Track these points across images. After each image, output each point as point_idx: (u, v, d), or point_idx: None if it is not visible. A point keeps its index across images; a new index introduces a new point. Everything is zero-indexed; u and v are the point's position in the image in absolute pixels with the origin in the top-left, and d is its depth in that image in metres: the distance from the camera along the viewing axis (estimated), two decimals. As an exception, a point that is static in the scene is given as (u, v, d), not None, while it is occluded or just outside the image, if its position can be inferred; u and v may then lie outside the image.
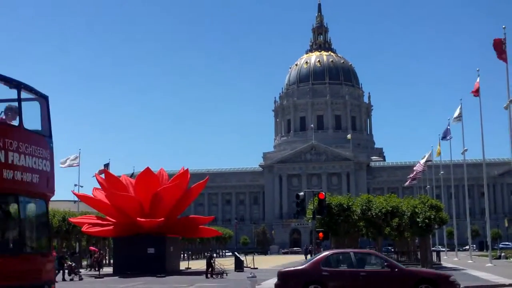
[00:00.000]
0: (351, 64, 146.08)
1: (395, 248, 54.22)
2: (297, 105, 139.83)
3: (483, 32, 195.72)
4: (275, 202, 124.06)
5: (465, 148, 51.46)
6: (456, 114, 48.78)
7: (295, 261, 50.19)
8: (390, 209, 35.76)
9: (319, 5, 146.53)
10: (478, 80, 41.43)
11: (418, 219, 35.35)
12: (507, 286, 23.08)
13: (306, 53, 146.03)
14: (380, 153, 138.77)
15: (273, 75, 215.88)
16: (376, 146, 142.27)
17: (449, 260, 52.81)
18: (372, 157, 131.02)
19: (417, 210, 35.61)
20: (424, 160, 65.36)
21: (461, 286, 18.20)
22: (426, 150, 73.41)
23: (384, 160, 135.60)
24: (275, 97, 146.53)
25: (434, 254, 44.52)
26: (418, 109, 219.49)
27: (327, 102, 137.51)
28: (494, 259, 46.33)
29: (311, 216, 23.51)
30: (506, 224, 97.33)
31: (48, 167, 10.74)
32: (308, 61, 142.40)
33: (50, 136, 10.95)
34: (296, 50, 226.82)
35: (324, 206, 22.13)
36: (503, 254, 55.33)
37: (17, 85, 9.97)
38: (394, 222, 37.02)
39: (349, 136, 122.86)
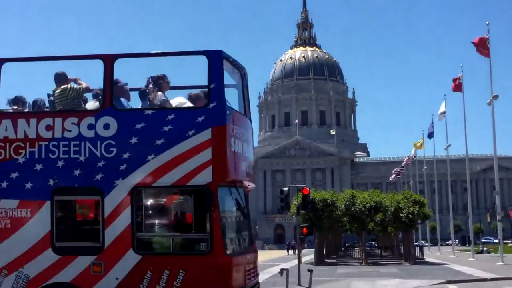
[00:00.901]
0: (335, 60, 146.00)
1: (378, 243, 54.49)
2: (282, 101, 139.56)
3: (467, 27, 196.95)
4: (259, 197, 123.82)
5: (448, 144, 51.89)
6: (441, 110, 48.94)
7: (278, 257, 50.29)
8: (374, 204, 35.98)
9: (304, 0, 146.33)
10: (459, 75, 41.57)
11: (401, 214, 35.62)
12: (489, 280, 23.23)
13: (291, 48, 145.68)
14: (364, 148, 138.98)
15: (257, 71, 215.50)
16: (360, 141, 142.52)
17: (432, 255, 53.22)
18: (356, 153, 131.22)
19: (400, 206, 35.87)
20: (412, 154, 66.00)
21: (444, 281, 18.25)
22: (410, 146, 73.84)
23: (368, 155, 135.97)
24: (259, 93, 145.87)
25: (417, 249, 44.81)
26: (402, 104, 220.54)
27: (312, 98, 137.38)
28: (477, 253, 46.80)
29: (295, 211, 23.44)
30: (488, 219, 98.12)
31: (251, 153, 10.41)
32: (293, 56, 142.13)
33: (250, 119, 10.54)
34: (281, 45, 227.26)
35: (308, 202, 22.04)
36: (485, 248, 55.91)
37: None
38: (378, 217, 37.26)
39: (333, 131, 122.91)
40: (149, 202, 9.40)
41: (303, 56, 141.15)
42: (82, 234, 9.45)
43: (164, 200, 9.53)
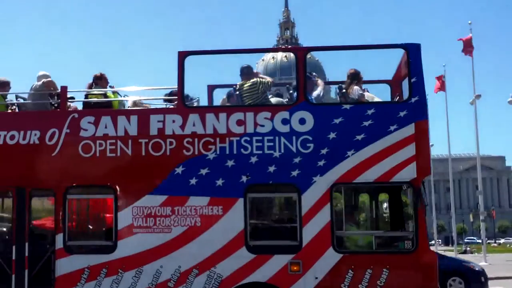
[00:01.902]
0: (317, 60, 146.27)
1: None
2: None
3: (450, 27, 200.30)
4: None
5: (431, 144, 52.44)
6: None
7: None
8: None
9: (286, 0, 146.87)
10: (442, 75, 41.77)
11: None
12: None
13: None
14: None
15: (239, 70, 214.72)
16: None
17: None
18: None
19: (383, 205, 36.16)
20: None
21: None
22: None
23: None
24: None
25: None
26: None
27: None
28: (460, 253, 47.53)
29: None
30: (471, 219, 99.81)
31: None
32: (275, 56, 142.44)
33: None
34: (263, 45, 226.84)
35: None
36: (468, 248, 56.96)
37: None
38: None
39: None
40: (349, 199, 9.18)
41: (285, 56, 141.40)
42: (278, 232, 9.19)
43: (365, 197, 9.33)
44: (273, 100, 9.54)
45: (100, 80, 9.97)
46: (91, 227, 10.27)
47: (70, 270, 9.00)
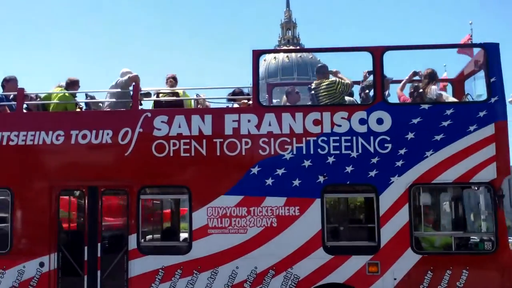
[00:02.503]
0: (319, 60, 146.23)
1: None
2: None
3: (448, 27, 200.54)
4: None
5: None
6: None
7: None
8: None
9: (288, 0, 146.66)
10: (444, 75, 41.69)
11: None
12: None
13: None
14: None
15: (241, 70, 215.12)
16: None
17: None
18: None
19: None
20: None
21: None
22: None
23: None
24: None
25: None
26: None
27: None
28: None
29: None
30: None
31: None
32: (277, 56, 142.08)
33: None
34: (264, 45, 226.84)
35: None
36: None
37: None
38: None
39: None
40: (427, 199, 9.12)
41: (287, 56, 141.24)
42: (355, 233, 9.14)
43: (443, 197, 9.27)
44: (346, 99, 9.47)
45: (174, 80, 9.92)
46: (164, 227, 10.19)
47: (144, 271, 8.92)
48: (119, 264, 9.04)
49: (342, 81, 9.15)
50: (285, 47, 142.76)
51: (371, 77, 9.56)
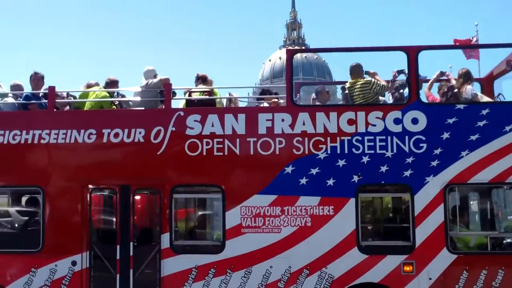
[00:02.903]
0: (324, 60, 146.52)
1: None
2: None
3: (455, 28, 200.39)
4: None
5: None
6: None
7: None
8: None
9: (293, 1, 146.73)
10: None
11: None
12: None
13: (280, 49, 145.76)
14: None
15: (247, 71, 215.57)
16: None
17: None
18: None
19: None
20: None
21: None
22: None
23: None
24: (248, 93, 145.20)
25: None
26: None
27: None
28: None
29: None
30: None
31: None
32: (282, 56, 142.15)
33: None
34: (270, 46, 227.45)
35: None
36: None
37: None
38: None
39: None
40: (462, 199, 9.07)
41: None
42: (390, 232, 9.10)
43: (477, 197, 9.24)
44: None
45: (205, 81, 9.92)
46: (198, 226, 10.16)
47: (177, 270, 8.90)
48: (151, 263, 9.00)
49: (379, 83, 9.11)
50: (296, 47, 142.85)
51: (401, 76, 9.55)
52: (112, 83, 9.89)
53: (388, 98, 10.02)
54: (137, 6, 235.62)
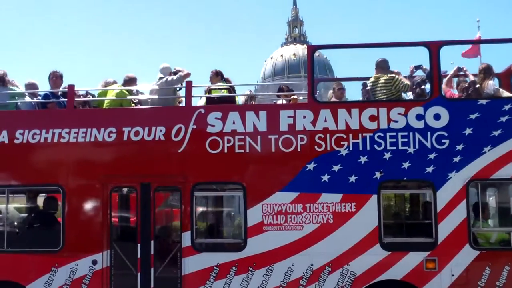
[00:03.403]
0: (326, 57, 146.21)
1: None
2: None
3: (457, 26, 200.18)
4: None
5: None
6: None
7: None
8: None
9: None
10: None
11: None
12: None
13: (282, 46, 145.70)
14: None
15: (248, 68, 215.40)
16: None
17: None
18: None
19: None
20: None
21: None
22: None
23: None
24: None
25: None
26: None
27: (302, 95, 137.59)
28: None
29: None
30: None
31: None
32: (284, 54, 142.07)
33: None
34: (271, 43, 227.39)
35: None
36: None
37: None
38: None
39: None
40: (485, 195, 9.04)
41: (294, 54, 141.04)
42: (412, 229, 9.07)
43: (499, 193, 9.20)
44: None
45: (216, 77, 9.88)
46: (219, 224, 10.12)
47: (198, 268, 8.87)
48: (172, 262, 8.97)
49: (403, 81, 9.09)
50: (295, 45, 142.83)
51: (418, 72, 9.53)
52: (130, 81, 9.85)
53: (407, 94, 9.98)
54: (134, 3, 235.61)
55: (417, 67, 9.54)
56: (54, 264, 9.07)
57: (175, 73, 9.63)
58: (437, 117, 8.69)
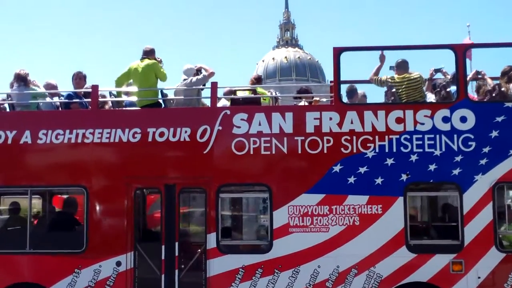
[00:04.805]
0: (317, 61, 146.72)
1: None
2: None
3: (445, 29, 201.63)
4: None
5: None
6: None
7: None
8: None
9: (286, 1, 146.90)
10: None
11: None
12: None
13: (273, 49, 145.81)
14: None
15: (239, 71, 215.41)
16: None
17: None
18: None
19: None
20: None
21: None
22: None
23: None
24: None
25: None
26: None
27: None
28: None
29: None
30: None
31: None
32: (275, 57, 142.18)
33: None
34: (263, 46, 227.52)
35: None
36: None
37: None
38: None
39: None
40: (510, 198, 9.08)
41: (285, 57, 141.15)
42: (438, 231, 9.09)
43: None
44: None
45: (260, 81, 9.91)
46: (244, 226, 10.10)
47: (223, 270, 8.84)
48: (197, 263, 8.93)
49: (424, 79, 9.13)
50: (287, 48, 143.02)
51: (438, 74, 9.58)
52: (150, 51, 9.71)
53: (427, 96, 10.02)
54: (130, 3, 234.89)
55: (437, 70, 9.59)
56: (78, 266, 9.01)
57: (198, 70, 9.60)
58: (463, 119, 8.73)
